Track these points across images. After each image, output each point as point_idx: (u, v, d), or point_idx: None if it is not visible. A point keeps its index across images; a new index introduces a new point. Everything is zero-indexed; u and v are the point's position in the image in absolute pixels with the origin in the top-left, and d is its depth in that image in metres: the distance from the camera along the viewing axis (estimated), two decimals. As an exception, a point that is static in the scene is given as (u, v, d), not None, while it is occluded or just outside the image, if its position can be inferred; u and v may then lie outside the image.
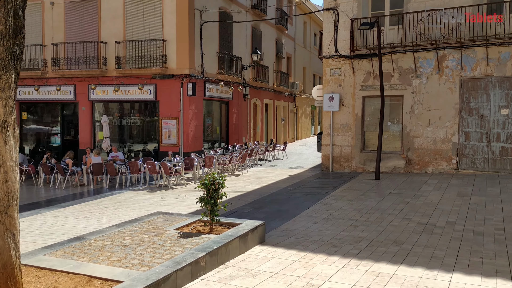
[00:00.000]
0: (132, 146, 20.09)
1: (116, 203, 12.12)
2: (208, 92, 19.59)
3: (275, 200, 11.35)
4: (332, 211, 9.75)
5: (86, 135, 19.68)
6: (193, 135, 18.55)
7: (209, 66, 19.48)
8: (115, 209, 11.17)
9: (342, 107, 16.65)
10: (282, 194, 12.29)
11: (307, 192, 12.46)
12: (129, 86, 18.62)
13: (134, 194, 13.61)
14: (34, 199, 13.54)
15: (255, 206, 10.65)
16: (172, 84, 18.22)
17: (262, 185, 14.22)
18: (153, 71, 18.02)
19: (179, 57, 18.07)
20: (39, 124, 21.51)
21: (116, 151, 17.23)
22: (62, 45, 19.17)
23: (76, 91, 19.53)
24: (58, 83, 19.40)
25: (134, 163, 15.18)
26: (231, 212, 10.05)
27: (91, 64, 18.77)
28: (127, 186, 15.18)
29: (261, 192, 12.70)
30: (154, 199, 12.46)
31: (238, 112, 22.84)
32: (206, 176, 7.02)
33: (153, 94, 18.43)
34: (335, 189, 12.77)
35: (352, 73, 16.45)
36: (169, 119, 18.35)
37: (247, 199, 11.67)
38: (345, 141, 16.67)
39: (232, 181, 15.50)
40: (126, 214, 10.36)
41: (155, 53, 18.05)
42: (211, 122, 21.48)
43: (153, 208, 11.00)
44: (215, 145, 21.54)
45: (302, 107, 34.73)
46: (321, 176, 15.87)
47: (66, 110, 20.65)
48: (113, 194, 13.75)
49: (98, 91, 19.10)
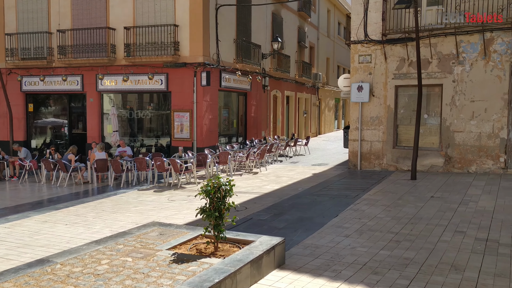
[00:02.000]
0: (144, 141, 18.73)
1: (117, 205, 10.72)
2: (224, 82, 18.05)
3: (297, 205, 9.76)
4: (366, 220, 8.12)
5: (94, 128, 18.41)
6: (208, 129, 17.06)
7: (225, 54, 17.94)
8: (113, 212, 9.77)
9: (372, 98, 14.91)
10: (305, 197, 10.69)
11: (334, 194, 10.83)
12: (139, 75, 17.23)
13: (139, 194, 12.21)
14: (28, 199, 12.26)
15: (274, 212, 9.09)
16: (185, 73, 16.74)
17: (282, 185, 12.65)
18: (165, 59, 16.57)
19: (193, 43, 16.57)
20: (46, 117, 20.35)
21: (124, 146, 15.86)
22: (69, 32, 17.88)
23: (83, 81, 18.25)
24: (64, 72, 18.16)
25: (141, 160, 13.78)
26: (245, 219, 8.51)
27: (99, 52, 17.44)
28: (134, 185, 13.80)
29: (281, 194, 11.13)
30: (160, 201, 11.02)
31: (257, 105, 21.26)
32: (208, 180, 5.48)
33: (165, 84, 16.99)
34: (366, 191, 11.11)
35: (384, 60, 14.68)
36: (181, 111, 16.90)
37: (264, 203, 10.11)
38: (376, 136, 14.94)
39: (249, 179, 13.97)
40: (123, 220, 8.93)
41: (167, 39, 16.59)
42: (227, 115, 19.95)
43: (156, 212, 9.55)
44: (231, 140, 20.02)
45: (325, 100, 32.93)
46: (348, 175, 14.20)
47: (74, 101, 19.41)
48: (117, 193, 12.37)
49: (106, 81, 17.77)
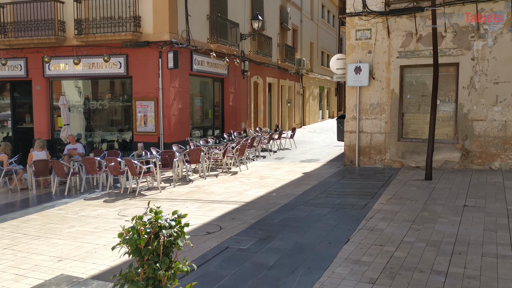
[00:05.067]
0: (105, 136, 15.92)
1: (47, 223, 8.00)
2: (196, 65, 15.33)
3: (290, 221, 7.22)
4: (391, 248, 5.63)
5: (43, 122, 15.49)
6: (177, 121, 14.35)
7: (197, 32, 15.20)
8: (37, 237, 7.06)
9: (373, 81, 12.46)
10: (298, 207, 8.16)
11: (336, 203, 8.32)
12: (93, 57, 14.38)
13: (83, 205, 9.49)
14: None
15: (259, 235, 6.52)
16: (148, 54, 13.97)
17: (267, 189, 10.10)
18: (123, 38, 13.76)
19: (157, 18, 13.80)
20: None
21: (74, 142, 13.05)
22: (9, 6, 14.89)
23: (27, 65, 15.29)
24: (5, 55, 15.17)
25: (91, 160, 11.02)
26: (219, 249, 5.92)
27: (45, 30, 14.52)
28: (82, 192, 11.06)
29: (268, 204, 8.57)
30: (108, 216, 8.34)
31: (235, 92, 18.60)
32: (137, 218, 2.85)
33: (124, 67, 14.19)
34: (375, 197, 8.65)
35: (387, 35, 12.21)
36: (144, 100, 14.13)
37: (246, 218, 7.54)
38: (377, 127, 12.50)
39: (226, 182, 11.39)
40: (42, 253, 6.23)
41: (126, 13, 13.78)
42: (201, 104, 17.21)
43: (95, 238, 6.88)
44: (207, 133, 17.34)
45: (310, 88, 30.44)
46: (347, 174, 11.73)
47: (18, 90, 16.40)
48: (55, 205, 9.63)
49: (55, 65, 14.86)
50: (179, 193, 10.28)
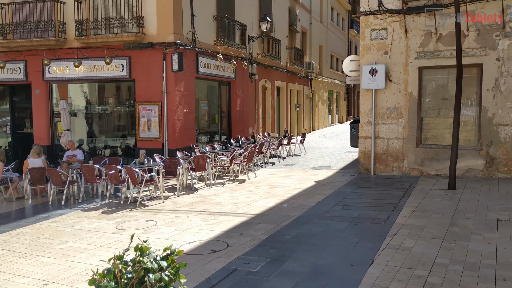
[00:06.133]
0: (108, 142, 15.28)
1: (38, 238, 7.33)
2: (202, 68, 14.67)
3: (304, 238, 6.49)
4: (423, 272, 4.89)
5: (42, 127, 14.87)
6: (182, 126, 13.68)
7: (203, 33, 14.55)
8: (24, 256, 6.38)
9: (389, 83, 11.73)
10: (313, 221, 7.42)
11: (354, 216, 7.57)
12: (94, 60, 13.76)
13: (80, 217, 8.81)
14: None
15: (271, 255, 5.79)
16: (152, 56, 13.33)
17: (278, 199, 9.37)
18: (126, 39, 13.13)
19: (161, 19, 13.17)
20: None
21: (74, 148, 12.41)
22: (8, 6, 14.33)
23: (27, 68, 14.71)
24: (4, 58, 14.60)
25: (89, 168, 10.36)
26: (226, 271, 5.20)
27: (45, 32, 13.93)
28: (80, 201, 10.40)
29: (279, 217, 7.84)
30: (105, 230, 7.65)
31: (243, 96, 17.91)
32: (117, 259, 2.14)
33: (127, 70, 13.55)
34: (397, 210, 7.90)
35: (404, 35, 11.48)
36: (148, 104, 13.48)
37: (255, 234, 6.81)
38: (394, 132, 11.76)
39: (234, 191, 10.67)
40: (26, 276, 5.54)
41: (128, 13, 13.16)
42: (207, 108, 16.53)
43: (88, 256, 6.19)
44: (213, 139, 16.65)
45: (319, 92, 29.70)
46: (362, 183, 10.98)
47: (17, 94, 15.82)
48: (49, 217, 8.96)
49: (55, 67, 14.26)
50: (183, 203, 9.58)
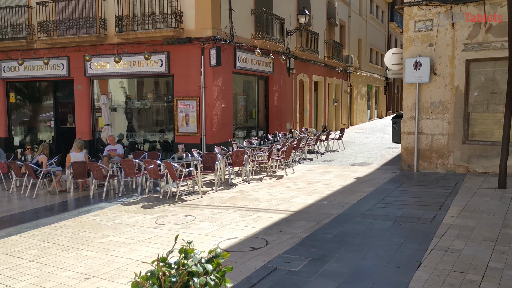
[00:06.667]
0: (147, 136, 15.45)
1: (80, 231, 7.43)
2: (240, 62, 14.57)
3: (346, 237, 6.27)
4: (476, 277, 4.59)
5: (84, 122, 15.19)
6: (219, 121, 13.64)
7: (241, 28, 14.44)
8: (66, 249, 6.46)
9: (434, 77, 11.27)
10: (354, 219, 7.18)
11: (398, 215, 7.28)
12: (134, 55, 13.90)
13: (120, 211, 8.90)
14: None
15: (312, 254, 5.61)
16: (190, 51, 13.33)
17: (317, 196, 9.16)
18: (165, 34, 13.18)
19: (199, 13, 13.14)
20: (29, 109, 17.26)
21: (114, 143, 12.61)
22: (51, 4, 14.67)
23: (69, 64, 15.04)
24: (47, 54, 14.98)
25: (129, 162, 10.47)
26: (266, 270, 5.06)
27: (87, 28, 14.18)
28: (120, 195, 10.52)
29: (318, 214, 7.64)
30: (144, 224, 7.68)
31: (280, 91, 17.72)
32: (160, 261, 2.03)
33: (165, 65, 13.62)
34: (443, 208, 7.55)
35: (451, 26, 10.99)
36: (186, 99, 13.51)
37: (295, 232, 6.65)
38: (439, 128, 11.30)
39: (271, 187, 10.53)
40: (68, 269, 5.59)
41: (167, 9, 13.20)
42: (244, 103, 16.45)
43: (128, 251, 6.19)
44: (250, 134, 16.56)
45: (358, 87, 29.10)
46: (405, 180, 10.61)
47: (60, 89, 16.21)
48: (91, 210, 9.10)
49: (96, 63, 14.51)
50: (221, 199, 9.53)
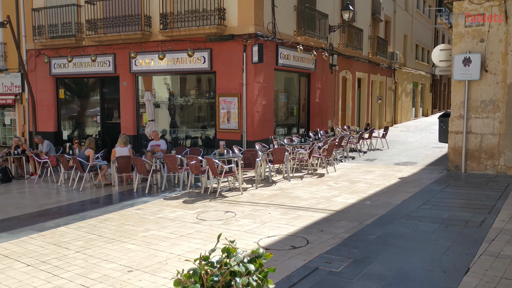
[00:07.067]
0: (189, 132, 15.67)
1: (123, 225, 7.60)
2: (282, 59, 14.50)
3: (389, 238, 6.10)
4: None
5: (129, 117, 15.58)
6: (261, 118, 13.63)
7: (283, 24, 14.35)
8: (110, 241, 6.63)
9: (485, 74, 10.79)
10: (398, 220, 6.98)
11: (444, 218, 7.01)
12: (177, 52, 14.10)
13: (162, 205, 9.05)
14: (22, 209, 9.49)
15: (353, 255, 5.49)
16: (232, 48, 13.38)
17: (359, 196, 8.98)
18: (207, 31, 13.29)
19: (242, 10, 13.16)
20: (77, 104, 17.87)
21: (157, 138, 12.85)
22: (99, 3, 15.10)
23: (115, 61, 15.45)
24: (95, 51, 15.45)
25: (171, 158, 10.63)
26: (306, 270, 4.99)
27: (132, 26, 14.51)
28: (163, 190, 10.72)
29: (360, 215, 7.48)
30: (185, 219, 7.77)
31: (322, 88, 17.51)
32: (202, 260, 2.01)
33: (208, 62, 13.74)
34: (493, 212, 7.22)
35: (504, 20, 10.49)
36: (228, 96, 13.57)
37: (336, 231, 6.53)
38: (489, 127, 10.82)
39: (312, 185, 10.41)
40: (112, 262, 5.72)
41: (210, 6, 13.29)
42: (285, 100, 16.37)
43: (169, 246, 6.28)
44: (291, 131, 16.47)
45: (402, 84, 28.36)
46: (452, 181, 10.22)
47: (106, 86, 16.69)
48: (134, 204, 9.31)
49: (141, 60, 14.82)
50: (261, 196, 9.51)
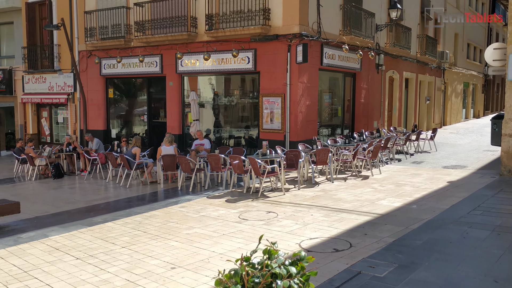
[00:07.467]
0: (232, 132, 15.81)
1: (167, 222, 7.75)
2: (327, 59, 14.33)
3: (436, 244, 5.89)
4: None
5: (174, 117, 15.88)
6: (304, 118, 13.53)
7: (328, 23, 14.18)
8: (154, 237, 6.77)
9: (543, 74, 10.21)
10: (447, 226, 6.73)
11: (496, 224, 6.69)
12: (222, 53, 14.23)
13: (205, 204, 9.16)
14: (73, 204, 9.87)
15: (398, 260, 5.33)
16: (277, 48, 13.35)
17: (405, 199, 8.73)
18: (252, 32, 13.33)
19: (287, 10, 13.10)
20: (125, 104, 18.41)
21: (201, 138, 13.03)
22: (147, 5, 15.48)
23: (162, 62, 15.79)
24: (143, 52, 15.85)
25: (215, 157, 10.75)
26: (349, 274, 4.90)
27: (178, 27, 14.77)
28: (206, 188, 10.85)
29: (406, 218, 7.27)
30: (228, 218, 7.83)
31: (368, 88, 17.17)
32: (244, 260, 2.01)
33: (252, 62, 13.78)
34: (550, 220, 6.81)
35: None
36: (271, 96, 13.56)
37: (381, 235, 6.38)
38: (546, 130, 10.24)
39: (356, 187, 10.23)
40: (156, 258, 5.85)
41: (255, 6, 13.33)
42: (329, 100, 16.16)
43: (212, 244, 6.34)
44: (335, 132, 16.25)
45: (452, 84, 27.36)
46: (505, 186, 9.75)
47: (153, 86, 17.09)
48: (178, 202, 9.47)
49: (187, 61, 15.07)
50: (303, 197, 9.44)
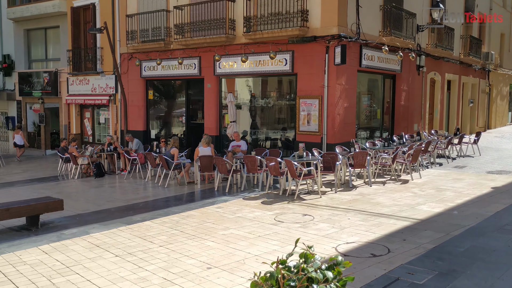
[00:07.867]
0: (268, 134, 15.82)
1: (204, 222, 7.83)
2: (366, 60, 14.11)
3: (479, 252, 5.68)
4: None
5: (212, 118, 16.04)
6: (342, 121, 13.37)
7: (368, 24, 13.96)
8: (191, 237, 6.86)
9: None
10: (490, 234, 6.47)
11: (545, 233, 6.39)
12: (259, 55, 14.26)
13: (242, 205, 9.20)
14: (113, 203, 10.13)
15: (438, 267, 5.18)
16: (314, 49, 13.25)
17: (446, 205, 8.47)
18: (290, 33, 13.29)
19: (325, 11, 12.99)
20: (164, 105, 18.75)
21: (238, 139, 13.09)
22: (187, 8, 15.72)
23: (201, 64, 15.99)
24: (182, 55, 16.09)
25: (251, 159, 10.77)
26: (387, 280, 4.79)
27: (217, 29, 14.92)
28: (243, 190, 10.89)
29: (447, 225, 7.05)
30: (263, 220, 7.83)
31: (408, 90, 16.78)
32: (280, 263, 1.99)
33: (289, 64, 13.74)
34: None
35: None
36: (309, 98, 13.47)
37: (420, 241, 6.21)
38: None
39: (395, 192, 10.01)
40: (192, 257, 5.91)
41: (293, 8, 13.29)
42: (368, 103, 15.88)
43: (247, 245, 6.36)
44: (374, 135, 15.96)
45: (498, 86, 26.36)
46: (554, 193, 9.29)
47: (192, 87, 17.33)
48: (215, 202, 9.55)
49: (224, 63, 15.20)
50: (340, 200, 9.32)
